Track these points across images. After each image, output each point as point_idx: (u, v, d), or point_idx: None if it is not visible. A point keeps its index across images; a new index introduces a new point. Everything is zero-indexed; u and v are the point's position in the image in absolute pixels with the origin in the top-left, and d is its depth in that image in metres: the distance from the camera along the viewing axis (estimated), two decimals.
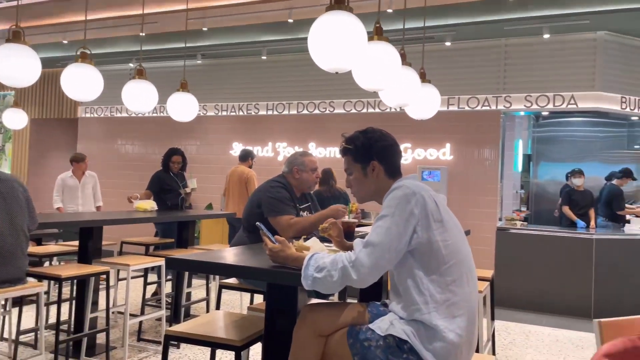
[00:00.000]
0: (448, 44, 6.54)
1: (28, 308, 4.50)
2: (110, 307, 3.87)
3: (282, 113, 7.71)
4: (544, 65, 6.33)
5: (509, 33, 6.32)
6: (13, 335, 3.86)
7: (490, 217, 6.44)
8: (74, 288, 3.96)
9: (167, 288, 5.12)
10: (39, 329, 3.15)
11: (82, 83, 4.01)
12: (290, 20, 6.16)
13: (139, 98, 4.49)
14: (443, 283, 1.81)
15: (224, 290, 3.50)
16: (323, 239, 2.42)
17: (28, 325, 4.29)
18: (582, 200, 6.73)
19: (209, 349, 3.39)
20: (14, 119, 7.11)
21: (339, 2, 2.64)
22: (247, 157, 6.54)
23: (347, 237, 2.43)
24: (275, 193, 3.17)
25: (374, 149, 2.05)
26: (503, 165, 7.08)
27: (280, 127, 7.72)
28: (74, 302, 3.89)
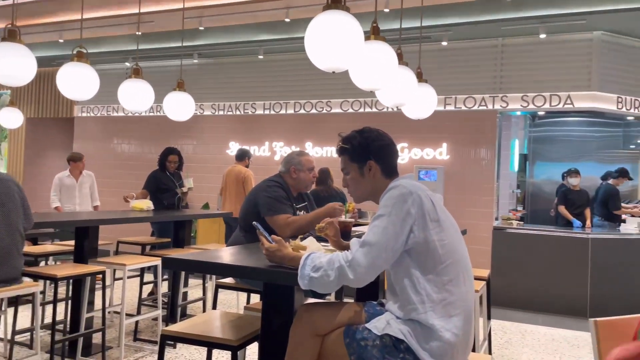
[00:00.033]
0: (445, 44, 6.55)
1: (24, 308, 4.49)
2: (107, 306, 3.86)
3: (279, 112, 7.70)
4: (541, 65, 6.35)
5: (506, 33, 6.33)
6: (9, 335, 3.85)
7: (487, 216, 6.45)
8: (70, 288, 3.95)
9: (163, 288, 5.11)
10: (35, 329, 3.14)
11: (78, 82, 4.00)
12: (287, 20, 6.16)
13: (135, 97, 4.49)
14: (439, 282, 1.82)
15: (221, 290, 3.50)
16: (320, 239, 2.42)
17: (24, 325, 4.27)
18: (578, 200, 6.76)
19: (206, 349, 3.39)
20: (10, 118, 7.08)
21: (336, 1, 2.64)
22: (244, 156, 6.53)
23: (343, 236, 2.43)
24: (272, 192, 3.16)
25: (371, 149, 2.05)
26: (499, 165, 7.09)
27: (277, 126, 7.72)
28: (70, 301, 3.88)
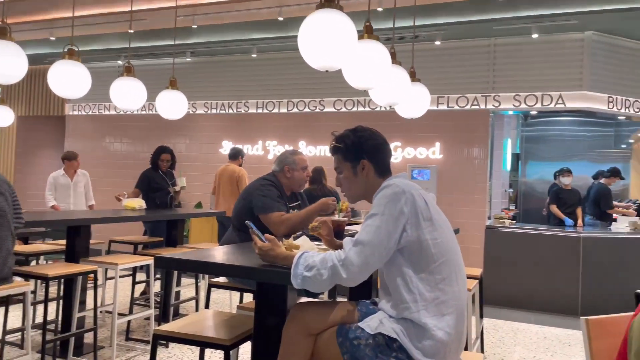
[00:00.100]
0: (438, 43, 6.56)
1: (14, 307, 4.45)
2: (98, 306, 3.84)
3: (272, 111, 7.69)
4: (533, 65, 6.38)
5: (498, 33, 6.35)
6: None
7: (479, 215, 6.48)
8: (62, 287, 3.93)
9: (156, 287, 5.09)
10: (26, 329, 3.12)
11: (69, 80, 3.98)
12: (281, 18, 6.15)
13: (128, 96, 4.47)
14: (432, 281, 1.82)
15: (214, 289, 3.49)
16: (313, 238, 2.42)
17: (14, 325, 4.24)
18: (569, 199, 6.80)
19: (198, 348, 3.38)
20: (0, 117, 7.02)
21: (329, 0, 2.63)
22: (237, 155, 6.51)
23: (337, 235, 2.42)
24: (265, 191, 3.16)
25: (364, 148, 2.05)
26: (492, 164, 7.12)
27: (271, 125, 7.70)
28: (61, 301, 3.85)
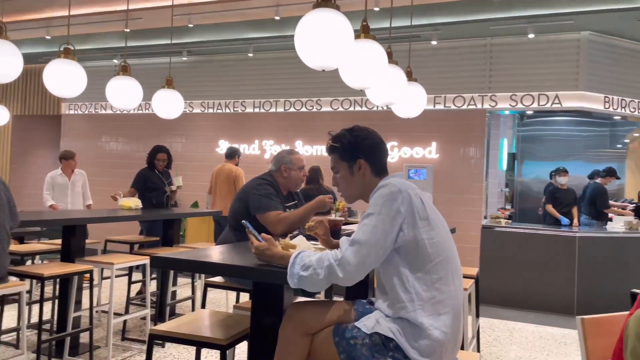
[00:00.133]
0: (434, 43, 6.57)
1: (10, 307, 4.43)
2: (94, 306, 3.83)
3: (268, 111, 7.68)
4: (529, 65, 6.39)
5: (495, 32, 6.37)
6: None
7: (476, 215, 6.49)
8: (57, 287, 3.91)
9: (152, 287, 5.08)
10: (21, 329, 3.10)
11: (65, 79, 3.96)
12: (277, 18, 6.14)
13: (124, 95, 4.45)
14: (429, 281, 1.82)
15: (210, 289, 3.48)
16: (309, 237, 2.41)
17: (10, 325, 4.22)
18: (565, 199, 6.82)
19: (194, 348, 3.37)
20: None
21: None
22: (233, 154, 6.51)
23: (333, 235, 2.42)
24: (262, 190, 3.16)
25: (361, 147, 2.05)
26: (488, 164, 7.14)
27: (267, 125, 7.69)
28: (57, 301, 3.84)
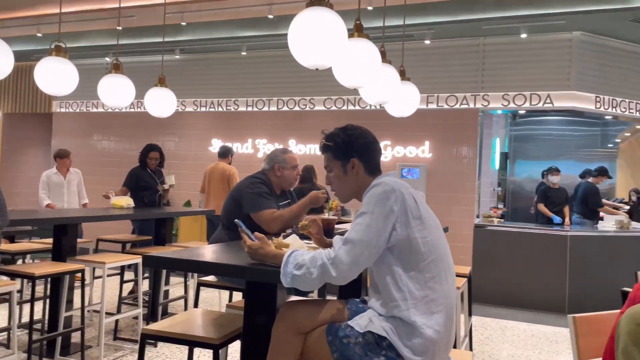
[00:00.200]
0: (427, 42, 6.58)
1: (0, 307, 4.40)
2: (86, 305, 3.81)
3: (262, 109, 7.67)
4: (521, 65, 6.42)
5: (487, 32, 6.39)
6: None
7: (468, 214, 6.51)
8: (48, 286, 3.88)
9: (144, 286, 5.05)
10: (12, 328, 3.08)
11: (56, 77, 3.93)
12: (271, 16, 6.13)
13: (116, 93, 4.42)
14: (422, 280, 1.82)
15: (203, 288, 3.47)
16: (302, 236, 2.41)
17: (0, 325, 4.19)
18: (557, 198, 6.87)
19: (187, 348, 3.36)
20: None
21: None
22: (227, 153, 6.49)
23: (326, 234, 2.42)
24: (256, 189, 3.15)
25: (354, 146, 2.05)
26: (481, 163, 7.17)
27: (260, 123, 7.68)
28: (48, 300, 3.81)
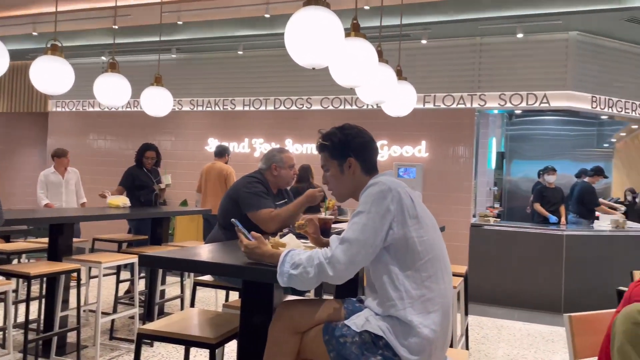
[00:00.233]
0: (424, 42, 6.58)
1: None
2: (82, 305, 3.79)
3: (258, 109, 7.66)
4: (518, 65, 6.44)
5: (484, 32, 6.40)
6: None
7: (465, 213, 6.52)
8: (44, 286, 3.87)
9: (140, 286, 5.04)
10: (7, 328, 3.06)
11: (52, 76, 3.91)
12: (267, 15, 6.12)
13: (112, 92, 4.41)
14: (418, 279, 1.83)
15: (199, 288, 3.47)
16: (299, 236, 2.41)
17: None
18: (553, 198, 6.89)
19: (183, 347, 3.35)
20: None
21: None
22: (223, 153, 6.48)
23: (323, 233, 2.42)
24: (253, 188, 3.14)
25: (351, 146, 2.05)
26: (477, 163, 7.18)
27: (257, 123, 7.67)
28: (44, 300, 3.80)
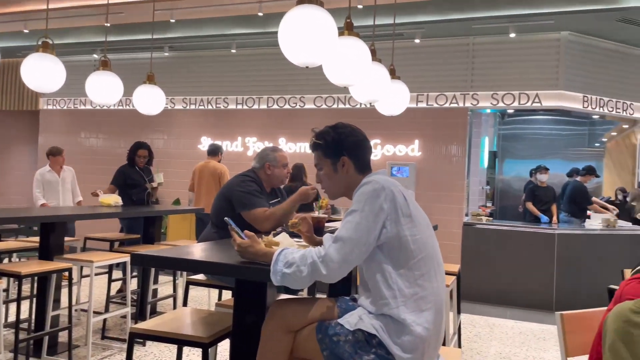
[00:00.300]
0: (417, 41, 6.60)
1: None
2: (73, 304, 3.77)
3: (251, 107, 7.64)
4: (510, 64, 6.47)
5: (477, 31, 6.42)
6: None
7: (457, 212, 6.55)
8: (35, 285, 3.84)
9: (132, 285, 5.02)
10: None
11: (43, 74, 3.88)
12: (261, 14, 6.11)
13: (104, 90, 4.38)
14: (411, 277, 1.83)
15: (192, 287, 3.45)
16: (292, 235, 2.41)
17: None
18: (544, 196, 6.93)
19: (176, 347, 3.34)
20: None
21: None
22: (216, 151, 6.46)
23: (316, 232, 2.42)
24: (247, 187, 3.13)
25: (344, 145, 2.05)
26: (470, 162, 7.21)
27: (250, 121, 7.65)
28: (35, 299, 3.77)
